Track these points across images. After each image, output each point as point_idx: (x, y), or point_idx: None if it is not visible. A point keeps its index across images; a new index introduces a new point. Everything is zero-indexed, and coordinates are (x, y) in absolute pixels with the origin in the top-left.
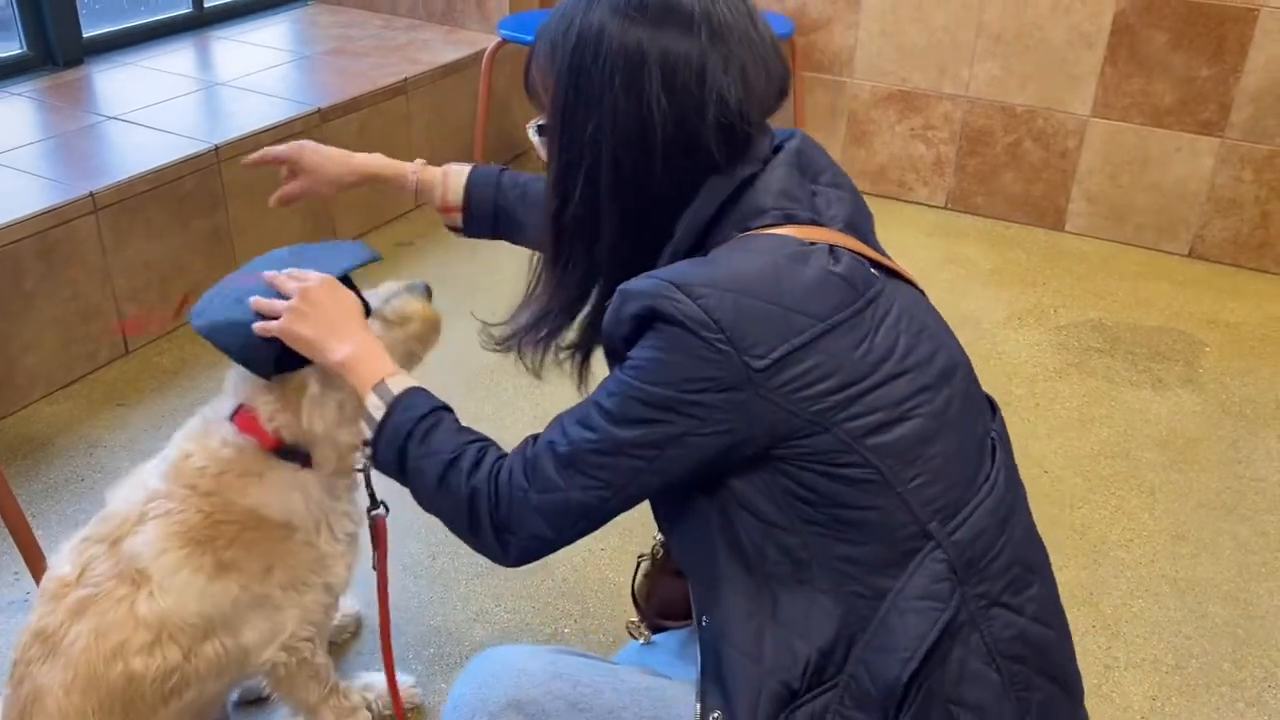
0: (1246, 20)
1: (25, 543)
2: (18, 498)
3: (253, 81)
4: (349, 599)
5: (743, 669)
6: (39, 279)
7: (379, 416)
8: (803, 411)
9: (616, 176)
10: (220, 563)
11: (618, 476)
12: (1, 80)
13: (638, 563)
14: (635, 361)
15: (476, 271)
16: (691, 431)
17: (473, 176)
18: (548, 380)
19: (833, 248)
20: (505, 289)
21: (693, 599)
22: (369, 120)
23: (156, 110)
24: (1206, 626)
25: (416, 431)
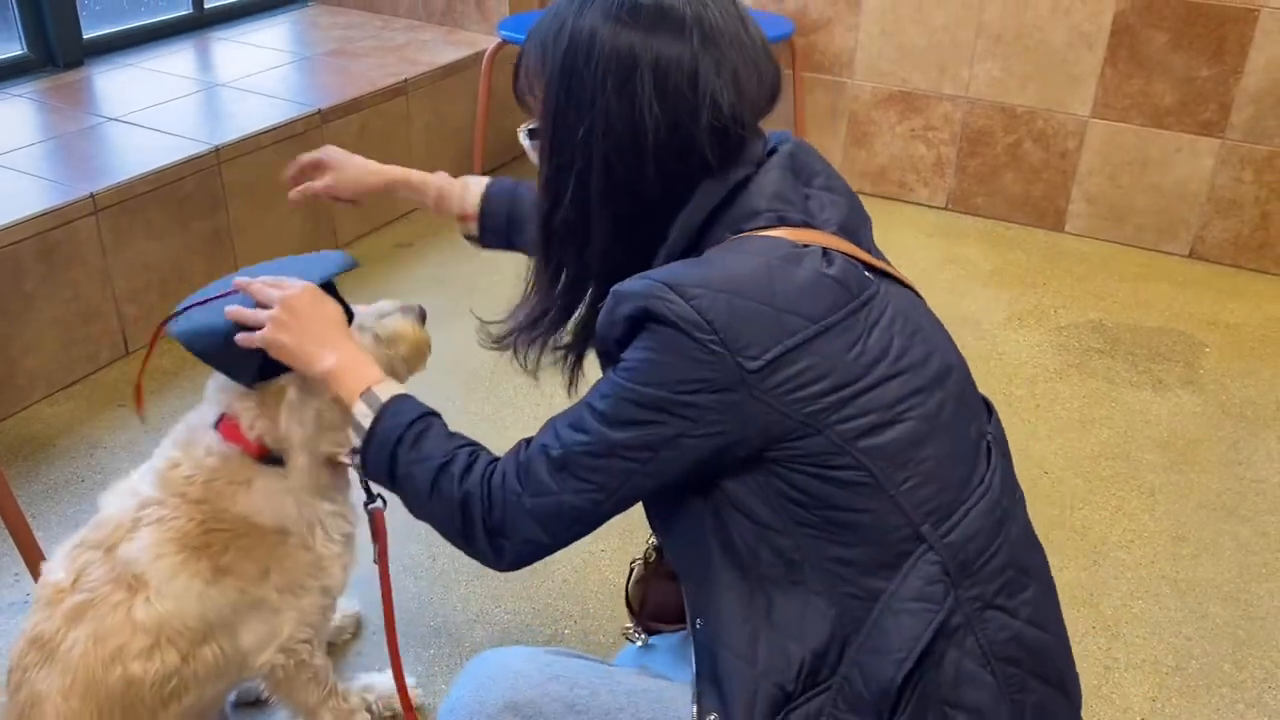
0: (1247, 21)
1: (25, 544)
2: (18, 499)
3: (253, 82)
4: (349, 600)
5: (738, 671)
6: (39, 280)
7: (367, 424)
8: (795, 413)
9: (608, 180)
10: (217, 567)
11: (611, 479)
12: (2, 81)
13: (631, 567)
14: (628, 363)
15: (475, 271)
16: (685, 433)
17: (490, 187)
18: (547, 380)
19: (826, 250)
20: (504, 289)
21: (686, 601)
22: (369, 121)
23: (157, 111)
24: (1207, 627)
25: (406, 437)
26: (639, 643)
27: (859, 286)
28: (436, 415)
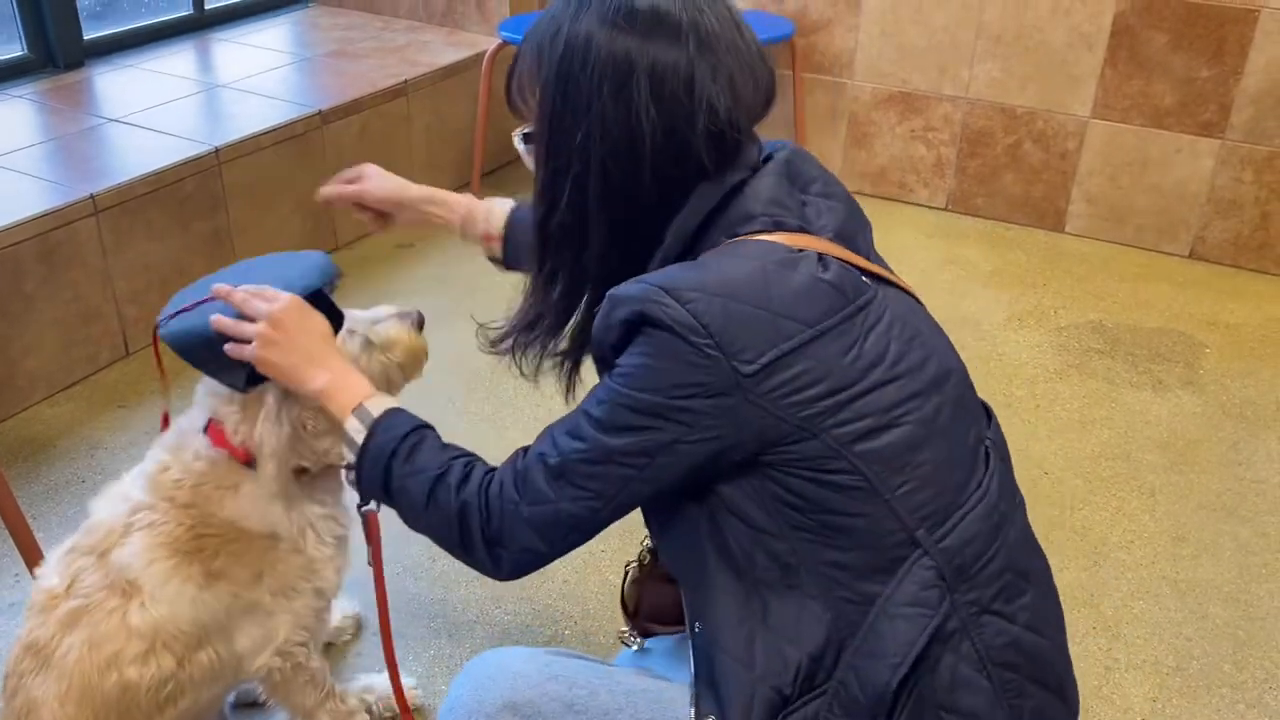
0: (1246, 21)
1: (26, 545)
2: (18, 500)
3: (253, 83)
4: (348, 601)
5: (735, 675)
6: (40, 281)
7: (360, 439)
8: (791, 417)
9: (605, 185)
10: (209, 572)
11: (608, 486)
12: (2, 82)
13: (626, 569)
14: (624, 369)
15: (476, 272)
16: (681, 439)
17: (515, 210)
18: (547, 382)
19: (821, 255)
20: (505, 290)
21: (685, 605)
22: (369, 122)
23: (157, 112)
24: (1207, 628)
25: (400, 451)
26: (634, 647)
27: (855, 291)
28: (430, 428)
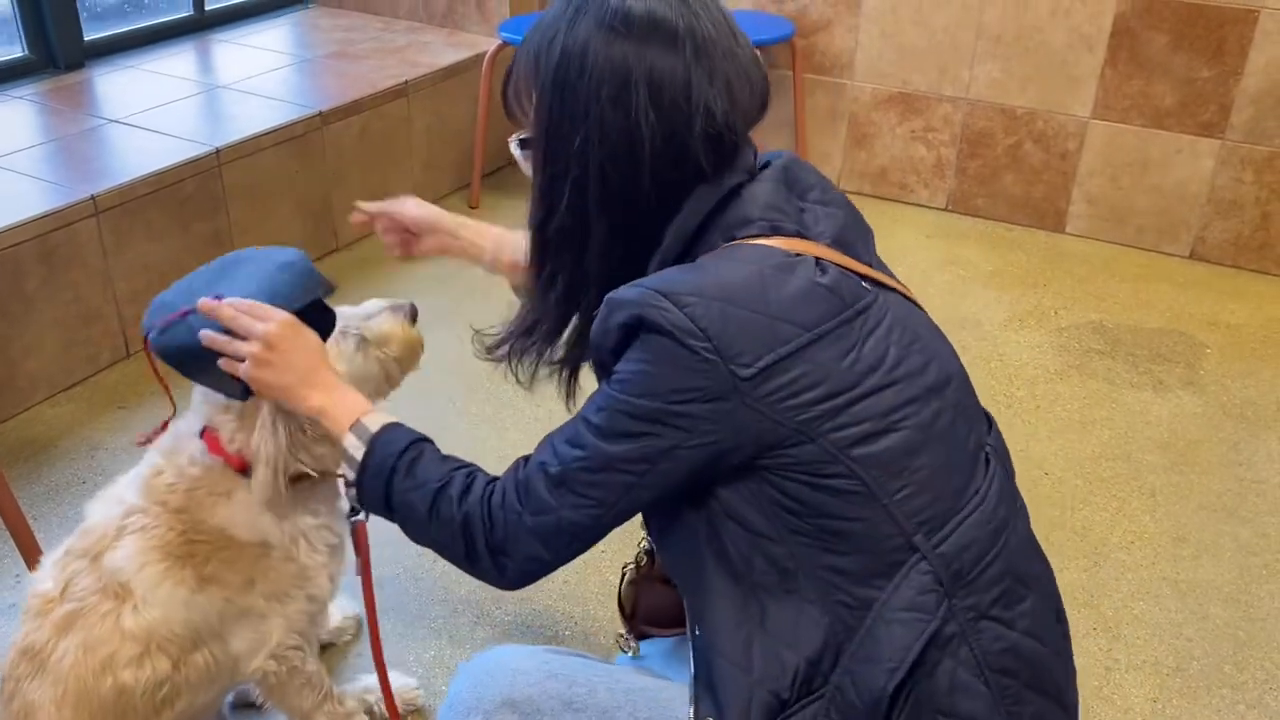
0: (1246, 22)
1: (26, 545)
2: (19, 500)
3: (254, 84)
4: (349, 602)
5: (733, 678)
6: (40, 282)
7: (359, 456)
8: (789, 421)
9: (604, 188)
10: (201, 576)
11: (609, 494)
12: (3, 83)
13: (623, 571)
14: (621, 375)
15: (476, 273)
16: (680, 444)
17: None
18: (546, 385)
19: (819, 260)
20: (504, 293)
21: (686, 609)
22: (369, 123)
23: (157, 113)
24: (1207, 629)
25: (400, 465)
26: (631, 652)
27: (853, 296)
28: (428, 441)
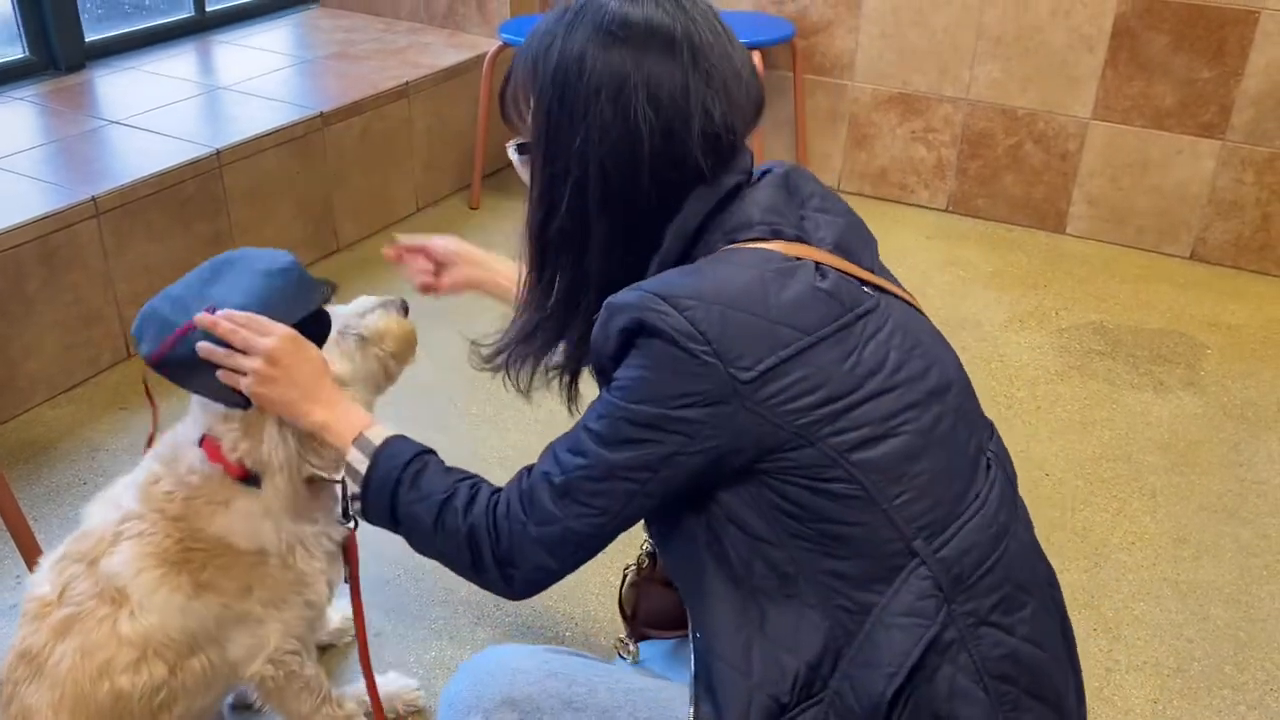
0: (1247, 23)
1: (27, 546)
2: (20, 501)
3: (254, 85)
4: (349, 604)
5: (732, 682)
6: (41, 283)
7: (364, 470)
8: (788, 424)
9: (604, 188)
10: (198, 583)
11: (613, 502)
12: (3, 85)
13: (624, 573)
14: (621, 382)
15: None
16: (681, 450)
17: None
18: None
19: (819, 264)
20: None
21: (687, 612)
22: (370, 124)
23: (158, 114)
24: (1208, 629)
25: (405, 478)
26: (630, 658)
27: (853, 300)
28: (432, 452)
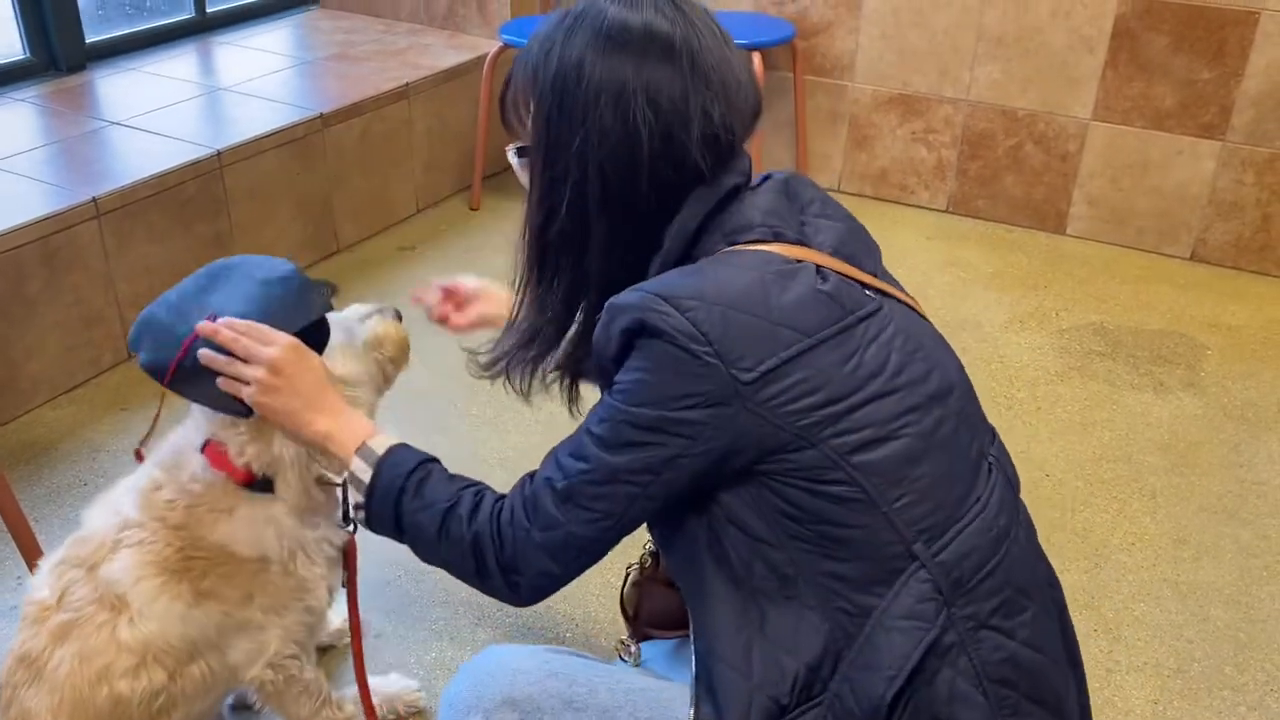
0: (1247, 23)
1: (28, 547)
2: (20, 502)
3: (255, 86)
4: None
5: (732, 683)
6: (42, 284)
7: (367, 479)
8: (789, 426)
9: (604, 190)
10: (198, 591)
11: (615, 505)
12: (4, 85)
13: (626, 573)
14: (622, 385)
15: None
16: (683, 452)
17: None
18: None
19: (820, 267)
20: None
21: (689, 613)
22: (370, 125)
23: (159, 115)
24: (1208, 630)
25: (408, 486)
26: (631, 660)
27: (855, 303)
28: (435, 461)
